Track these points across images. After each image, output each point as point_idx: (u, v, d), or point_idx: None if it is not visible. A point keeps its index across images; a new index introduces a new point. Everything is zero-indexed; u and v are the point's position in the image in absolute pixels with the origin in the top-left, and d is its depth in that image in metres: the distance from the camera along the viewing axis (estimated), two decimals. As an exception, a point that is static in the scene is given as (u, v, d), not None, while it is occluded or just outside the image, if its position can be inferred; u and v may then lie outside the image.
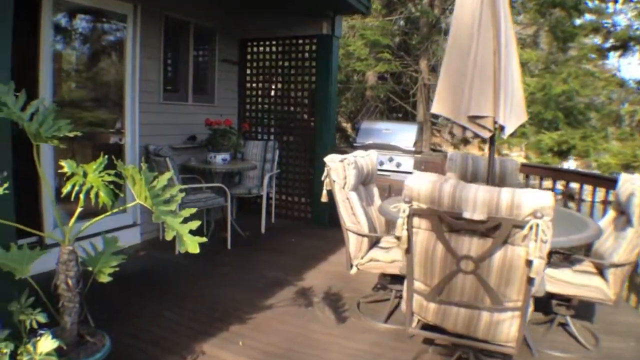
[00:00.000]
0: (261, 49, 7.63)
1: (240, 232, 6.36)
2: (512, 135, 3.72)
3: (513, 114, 3.65)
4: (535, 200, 2.25)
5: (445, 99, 3.77)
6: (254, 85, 7.77)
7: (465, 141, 19.07)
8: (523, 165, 5.42)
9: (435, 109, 3.82)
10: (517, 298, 2.51)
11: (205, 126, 6.15)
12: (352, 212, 3.67)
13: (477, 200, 2.31)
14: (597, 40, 12.67)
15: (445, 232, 2.45)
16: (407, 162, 6.68)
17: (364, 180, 4.04)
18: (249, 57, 7.73)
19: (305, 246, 6.22)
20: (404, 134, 6.86)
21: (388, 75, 14.24)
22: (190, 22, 6.51)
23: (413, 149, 6.67)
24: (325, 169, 3.74)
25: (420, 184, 2.42)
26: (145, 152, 5.74)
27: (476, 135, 3.74)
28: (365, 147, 6.74)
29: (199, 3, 6.50)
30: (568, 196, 6.43)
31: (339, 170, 3.64)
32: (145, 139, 5.81)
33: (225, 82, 7.38)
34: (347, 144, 14.85)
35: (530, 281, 2.43)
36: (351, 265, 3.77)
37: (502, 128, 3.63)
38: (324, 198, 3.77)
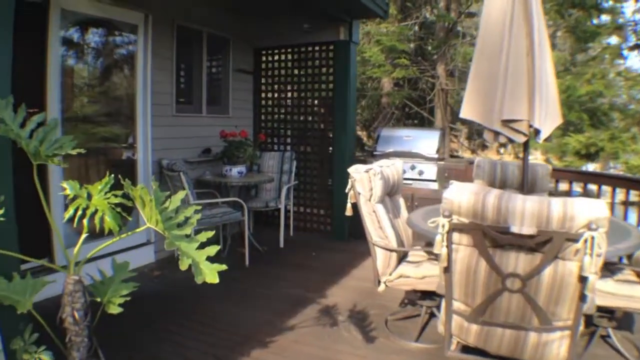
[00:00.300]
0: (276, 57, 7.47)
1: (258, 247, 6.18)
2: (547, 139, 3.49)
3: (548, 117, 3.43)
4: (589, 211, 2.03)
5: (476, 103, 3.57)
6: (269, 95, 7.60)
7: (483, 146, 18.83)
8: (554, 169, 5.17)
9: (464, 113, 3.61)
10: (567, 317, 2.29)
11: (220, 138, 5.98)
12: (379, 226, 3.46)
13: (525, 213, 2.09)
14: (615, 40, 12.39)
15: (488, 247, 2.23)
16: (430, 170, 6.46)
17: (390, 191, 3.83)
18: (263, 66, 7.57)
19: (325, 260, 6.00)
20: (426, 141, 6.64)
21: (404, 81, 14.05)
22: (203, 31, 6.36)
23: (436, 156, 6.44)
24: (350, 180, 3.54)
25: (461, 196, 2.20)
26: (158, 166, 5.58)
27: (510, 140, 3.53)
28: (386, 155, 6.59)
29: (212, 11, 6.36)
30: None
31: (364, 182, 3.43)
32: (158, 153, 5.65)
33: (240, 93, 7.22)
34: (364, 153, 14.66)
35: (582, 298, 2.21)
36: (379, 282, 3.55)
37: (537, 132, 3.42)
38: (349, 212, 3.57)
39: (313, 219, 7.37)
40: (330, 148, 7.06)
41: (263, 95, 7.61)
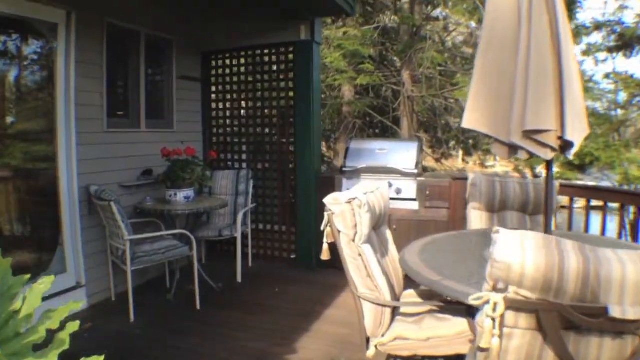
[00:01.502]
0: (228, 62, 6.65)
1: (211, 284, 5.31)
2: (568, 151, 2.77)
3: (577, 126, 2.70)
4: None
5: (483, 110, 2.81)
6: (221, 105, 6.77)
7: (446, 155, 18.33)
8: (562, 186, 4.49)
9: (468, 122, 2.85)
10: None
11: (162, 157, 5.11)
12: (367, 274, 2.65)
13: (627, 283, 1.33)
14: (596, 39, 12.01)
15: (560, 330, 1.46)
16: (409, 187, 5.72)
17: (376, 224, 3.04)
18: (213, 72, 6.73)
19: (292, 297, 5.17)
20: (402, 154, 5.90)
21: (366, 90, 13.40)
22: (141, 32, 5.49)
23: (415, 171, 5.71)
24: (326, 214, 2.73)
25: (525, 258, 1.42)
26: (87, 194, 4.68)
27: (531, 155, 2.78)
28: (357, 172, 5.82)
29: (150, 8, 5.51)
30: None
31: (347, 216, 2.62)
32: (86, 177, 4.76)
33: (186, 103, 6.35)
34: (328, 168, 13.92)
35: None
36: (367, 344, 2.75)
37: (564, 146, 2.69)
38: (325, 255, 2.76)
39: (275, 245, 6.56)
40: (292, 165, 6.27)
41: (213, 105, 6.77)
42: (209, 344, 4.02)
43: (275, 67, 6.29)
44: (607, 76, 10.98)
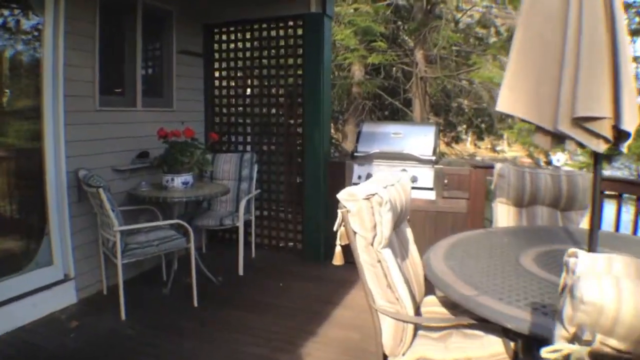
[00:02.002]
0: (232, 36, 6.23)
1: (211, 278, 4.97)
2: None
3: (633, 114, 2.30)
4: None
5: (523, 91, 2.40)
6: (224, 83, 6.37)
7: (457, 139, 17.88)
8: (605, 179, 4.08)
9: (503, 105, 2.44)
10: None
11: (158, 139, 4.73)
12: (386, 283, 2.28)
13: None
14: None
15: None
16: (426, 175, 5.33)
17: (397, 222, 2.66)
18: (216, 46, 6.32)
19: (296, 294, 4.82)
20: (419, 139, 5.50)
21: (376, 69, 12.93)
22: (138, 1, 5.09)
23: (432, 157, 5.32)
24: (339, 212, 2.35)
25: (622, 299, 1.04)
26: (76, 178, 4.31)
27: (580, 146, 2.38)
28: (370, 158, 5.43)
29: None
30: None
31: (365, 216, 2.23)
32: (76, 161, 4.38)
33: (187, 81, 5.96)
34: (336, 151, 13.51)
35: None
36: (385, 363, 2.39)
37: (618, 136, 2.30)
38: (338, 260, 2.40)
39: (280, 235, 6.20)
40: (300, 148, 5.91)
41: (216, 83, 6.37)
42: (207, 348, 3.68)
43: (282, 42, 5.87)
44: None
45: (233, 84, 6.30)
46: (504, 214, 3.97)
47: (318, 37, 5.48)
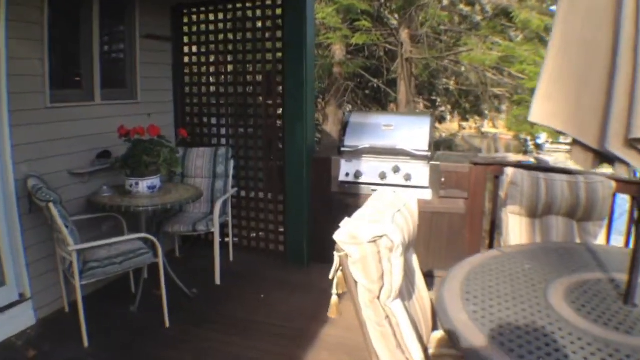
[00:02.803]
0: (202, 17, 5.69)
1: (184, 290, 4.52)
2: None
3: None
4: None
5: (562, 101, 1.98)
6: (196, 69, 5.85)
7: (441, 118, 17.51)
8: (621, 182, 3.68)
9: (538, 115, 2.03)
10: None
11: (119, 137, 4.23)
12: (396, 344, 1.84)
13: None
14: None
15: None
16: (421, 173, 4.90)
17: (405, 257, 2.21)
18: (186, 29, 5.79)
19: (279, 309, 4.39)
20: (413, 131, 5.05)
21: (358, 49, 12.42)
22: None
23: (428, 153, 4.89)
24: (336, 255, 1.90)
25: None
26: (26, 187, 3.80)
27: (619, 162, 1.95)
28: (359, 153, 5.01)
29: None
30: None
31: (370, 263, 1.77)
32: (26, 167, 3.88)
33: (153, 68, 5.43)
34: (318, 134, 13.02)
35: None
36: None
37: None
38: (334, 312, 1.96)
39: (260, 235, 5.75)
40: (280, 143, 5.45)
41: (187, 70, 5.85)
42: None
43: (260, 24, 5.36)
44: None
45: (205, 70, 5.78)
46: (515, 227, 3.60)
47: (300, 17, 4.97)
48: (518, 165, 4.27)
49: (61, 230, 3.44)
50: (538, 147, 18.81)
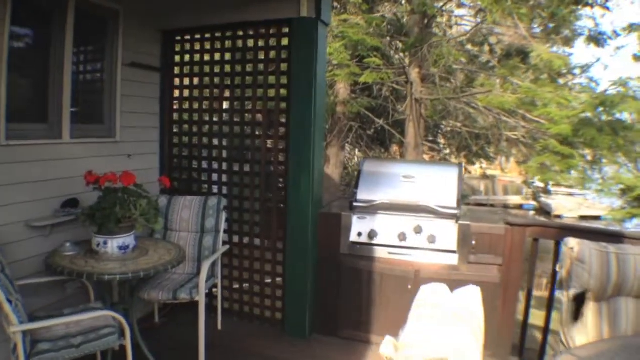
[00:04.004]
0: (198, 45, 5.03)
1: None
2: None
3: None
4: None
5: None
6: (187, 105, 5.15)
7: (469, 161, 16.89)
8: None
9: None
10: None
11: (86, 185, 3.52)
12: None
13: None
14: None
15: None
16: (447, 234, 4.19)
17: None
18: (178, 59, 5.11)
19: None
20: (438, 184, 4.37)
21: (363, 88, 11.84)
22: (68, -4, 3.89)
23: (456, 211, 4.20)
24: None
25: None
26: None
27: None
28: (374, 209, 4.32)
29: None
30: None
31: None
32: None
33: (137, 102, 4.75)
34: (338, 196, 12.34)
35: None
36: None
37: None
38: None
39: (254, 300, 4.98)
40: (282, 192, 4.75)
41: (176, 106, 5.17)
42: None
43: (262, 55, 4.70)
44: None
45: (198, 106, 5.09)
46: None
47: (309, 49, 4.32)
48: (575, 229, 3.68)
49: (2, 306, 2.70)
50: (547, 192, 18.27)
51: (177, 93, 5.13)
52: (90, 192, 3.62)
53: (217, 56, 4.91)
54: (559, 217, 20.58)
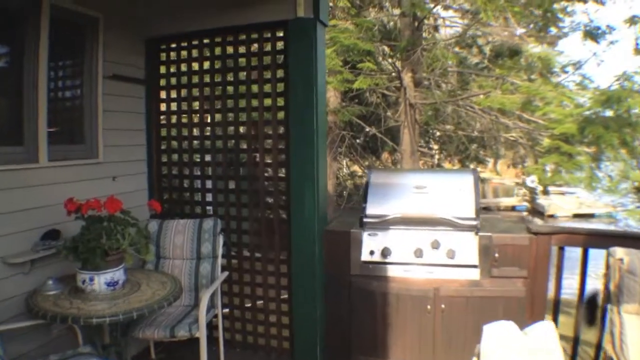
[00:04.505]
0: (185, 53, 4.66)
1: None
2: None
3: None
4: None
5: None
6: (175, 119, 4.80)
7: (438, 167, 16.65)
8: None
9: None
10: None
11: (67, 214, 3.14)
12: None
13: None
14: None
15: None
16: (467, 247, 3.84)
17: None
18: (163, 69, 4.72)
19: None
20: (453, 193, 4.03)
21: (353, 96, 11.52)
22: (42, 2, 3.50)
23: (475, 222, 3.87)
24: None
25: None
26: None
27: None
28: (385, 224, 3.98)
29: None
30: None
31: None
32: None
33: (121, 118, 4.38)
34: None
35: None
36: None
37: None
38: None
39: (258, 329, 4.60)
40: (284, 211, 4.37)
41: (164, 121, 4.78)
42: None
43: (256, 61, 4.35)
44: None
45: (187, 120, 4.72)
46: (635, 329, 2.60)
47: (308, 52, 3.96)
48: (606, 234, 3.65)
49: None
50: (546, 192, 18.10)
51: (164, 107, 4.74)
52: (72, 221, 3.24)
53: (206, 64, 4.54)
54: (552, 216, 20.49)
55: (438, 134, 14.99)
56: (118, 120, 4.33)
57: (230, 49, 4.46)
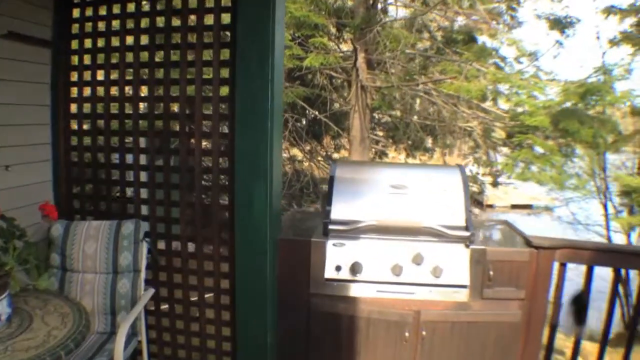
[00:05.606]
0: (104, 10, 3.74)
1: None
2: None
3: None
4: None
5: None
6: (89, 92, 3.85)
7: (382, 154, 16.21)
8: None
9: None
10: None
11: None
12: None
13: None
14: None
15: None
16: (457, 264, 3.16)
17: None
18: (76, 29, 3.78)
19: None
20: (438, 194, 3.33)
21: (297, 76, 10.80)
22: None
23: (466, 232, 3.19)
24: None
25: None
26: None
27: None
28: (356, 232, 3.26)
29: None
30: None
31: None
32: None
33: (16, 89, 3.46)
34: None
35: None
36: None
37: None
38: None
39: (192, 356, 3.79)
40: (227, 211, 3.54)
41: (75, 94, 3.85)
42: None
43: (197, 23, 3.50)
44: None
45: (104, 93, 3.81)
46: None
47: (264, 9, 3.14)
48: (614, 250, 3.46)
49: None
50: (495, 184, 18.16)
51: (75, 76, 3.83)
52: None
53: (130, 23, 3.65)
54: (491, 206, 20.49)
55: (384, 120, 14.45)
56: (13, 91, 3.41)
57: (161, 4, 3.59)
